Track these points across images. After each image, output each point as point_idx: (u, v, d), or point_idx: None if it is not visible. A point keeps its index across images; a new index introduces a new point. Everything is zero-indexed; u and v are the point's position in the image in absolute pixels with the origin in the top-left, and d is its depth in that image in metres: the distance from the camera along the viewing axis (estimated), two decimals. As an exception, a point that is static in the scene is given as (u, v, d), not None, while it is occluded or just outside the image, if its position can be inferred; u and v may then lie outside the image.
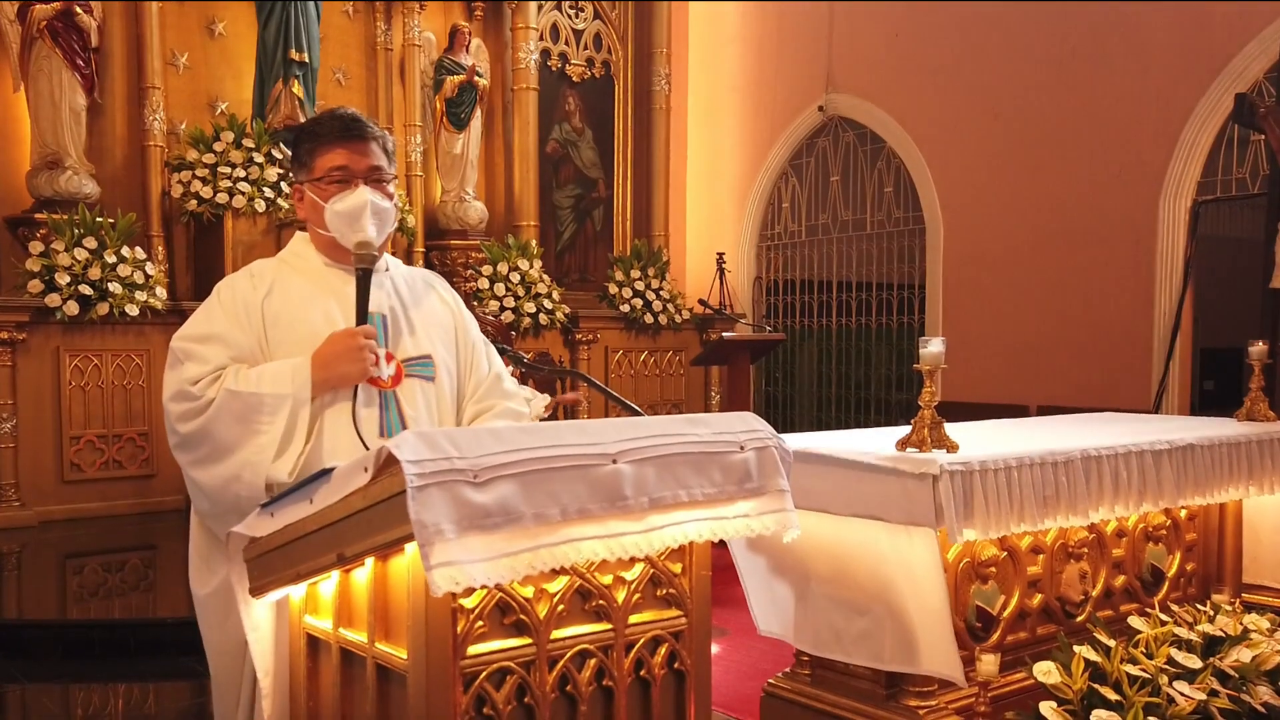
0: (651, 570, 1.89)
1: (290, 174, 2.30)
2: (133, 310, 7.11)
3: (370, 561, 1.73)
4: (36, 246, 7.01)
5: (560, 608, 1.77)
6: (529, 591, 1.74)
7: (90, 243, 7.05)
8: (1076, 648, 3.23)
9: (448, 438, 1.57)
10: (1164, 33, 7.26)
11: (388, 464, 1.55)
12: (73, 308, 6.89)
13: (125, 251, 7.18)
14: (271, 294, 2.21)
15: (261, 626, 2.00)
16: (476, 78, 9.25)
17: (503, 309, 8.84)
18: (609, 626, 1.83)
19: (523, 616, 1.73)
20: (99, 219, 7.18)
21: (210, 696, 4.28)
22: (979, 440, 3.47)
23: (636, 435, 1.75)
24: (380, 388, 2.18)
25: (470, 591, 1.63)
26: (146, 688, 4.55)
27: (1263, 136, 6.38)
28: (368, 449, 2.06)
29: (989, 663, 3.20)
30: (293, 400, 2.08)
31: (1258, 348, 4.37)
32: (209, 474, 2.07)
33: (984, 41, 8.33)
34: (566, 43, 10.01)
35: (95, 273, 6.99)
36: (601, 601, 1.83)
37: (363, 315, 2.15)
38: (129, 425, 7.33)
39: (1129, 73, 7.45)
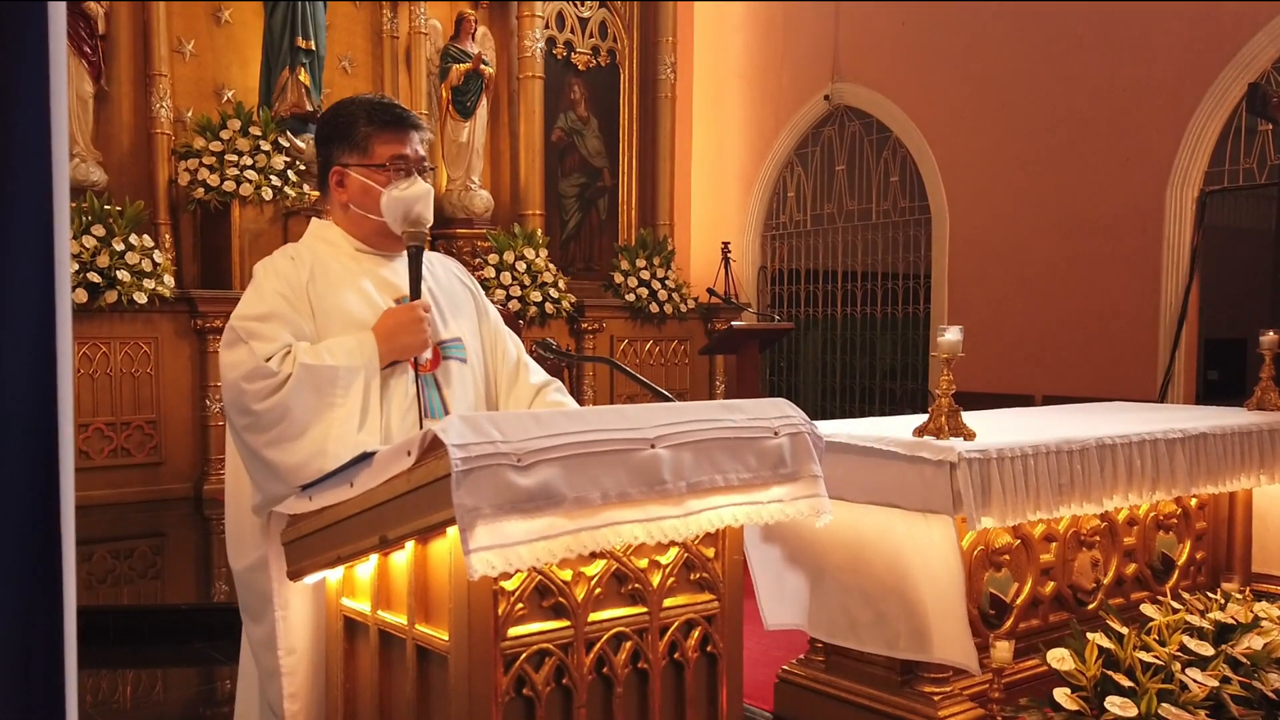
0: (685, 554, 1.91)
1: (325, 154, 2.29)
2: (141, 298, 7.10)
3: (410, 544, 1.75)
4: (44, 234, 7.00)
5: (597, 591, 1.79)
6: (567, 575, 1.76)
7: (98, 230, 7.04)
8: (1090, 635, 3.25)
9: (491, 421, 1.59)
10: (1171, 22, 7.25)
11: (432, 447, 1.57)
12: (81, 295, 6.88)
13: (133, 239, 7.18)
14: (314, 279, 2.22)
15: (291, 605, 2.02)
16: (482, 66, 9.24)
17: (509, 298, 8.85)
18: (644, 610, 1.86)
19: (561, 599, 1.75)
20: (107, 207, 7.17)
21: (218, 683, 4.31)
22: (994, 428, 3.49)
23: (674, 420, 1.77)
24: (422, 371, 2.21)
25: (511, 574, 1.64)
26: (155, 673, 4.57)
27: (1271, 126, 6.38)
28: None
29: (1003, 649, 3.22)
30: (364, 372, 2.09)
31: (1269, 337, 4.39)
32: (286, 452, 1.99)
33: (991, 31, 8.32)
34: (572, 31, 9.98)
35: (103, 260, 6.98)
36: (637, 585, 1.85)
37: (416, 290, 2.18)
38: (137, 413, 7.32)
39: (1136, 62, 7.45)
